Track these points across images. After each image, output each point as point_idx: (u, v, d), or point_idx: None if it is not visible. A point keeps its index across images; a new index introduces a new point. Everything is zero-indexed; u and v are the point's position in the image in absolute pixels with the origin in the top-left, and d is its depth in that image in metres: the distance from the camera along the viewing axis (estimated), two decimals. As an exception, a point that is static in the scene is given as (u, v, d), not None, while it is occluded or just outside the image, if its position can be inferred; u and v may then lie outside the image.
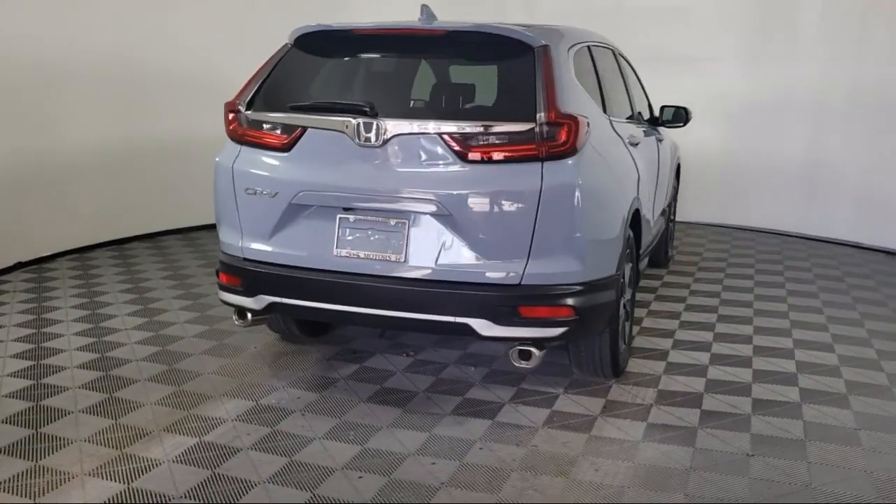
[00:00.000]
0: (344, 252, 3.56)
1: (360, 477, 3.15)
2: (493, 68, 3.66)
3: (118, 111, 7.17)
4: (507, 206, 3.36)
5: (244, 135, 3.76)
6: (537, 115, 3.33)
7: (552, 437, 3.50)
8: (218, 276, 3.95)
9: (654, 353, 4.55)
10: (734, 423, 3.64)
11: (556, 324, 3.40)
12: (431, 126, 3.41)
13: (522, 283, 3.39)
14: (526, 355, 3.46)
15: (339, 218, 3.58)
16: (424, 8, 3.86)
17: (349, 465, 3.24)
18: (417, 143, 3.43)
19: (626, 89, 5.00)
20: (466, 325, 3.41)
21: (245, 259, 3.79)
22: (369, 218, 3.53)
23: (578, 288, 3.43)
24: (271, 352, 4.52)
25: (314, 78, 3.87)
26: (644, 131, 4.93)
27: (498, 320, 3.38)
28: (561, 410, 3.78)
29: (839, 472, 3.20)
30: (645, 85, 5.83)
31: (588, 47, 4.22)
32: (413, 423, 3.63)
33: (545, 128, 3.32)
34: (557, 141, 3.33)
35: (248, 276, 3.75)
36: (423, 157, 3.43)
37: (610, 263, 3.65)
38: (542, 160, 3.34)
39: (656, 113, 5.62)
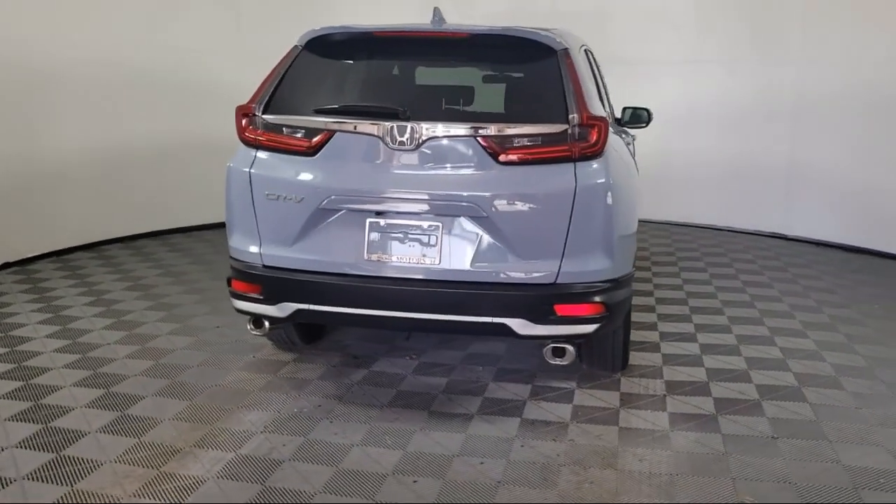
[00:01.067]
0: (375, 256, 3.53)
1: (415, 481, 3.14)
2: (516, 70, 3.71)
3: (101, 114, 7.22)
4: (543, 206, 3.42)
5: (261, 139, 3.66)
6: (570, 117, 3.40)
7: (584, 431, 3.59)
8: (230, 284, 3.83)
9: (646, 345, 4.72)
10: (748, 409, 3.84)
11: (590, 320, 3.49)
12: (466, 128, 3.43)
13: (557, 281, 3.46)
14: (560, 352, 3.53)
15: (370, 222, 3.54)
16: (437, 10, 3.87)
17: (399, 469, 3.23)
18: (452, 145, 3.44)
19: (605, 90, 5.16)
20: (504, 326, 3.45)
21: (265, 266, 3.70)
22: (401, 221, 3.52)
23: (608, 284, 3.53)
24: (272, 360, 4.42)
25: (332, 81, 3.82)
26: (622, 132, 5.10)
27: (535, 319, 3.43)
28: (582, 405, 3.88)
29: (862, 448, 3.42)
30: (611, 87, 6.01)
31: (586, 49, 4.34)
32: (445, 425, 3.64)
33: (577, 129, 3.40)
34: (588, 142, 3.42)
35: (270, 283, 3.66)
36: (458, 159, 3.45)
37: (630, 259, 3.78)
38: (575, 161, 3.42)
39: (618, 114, 5.80)
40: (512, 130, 3.42)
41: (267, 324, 3.81)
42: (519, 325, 3.44)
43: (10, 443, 3.41)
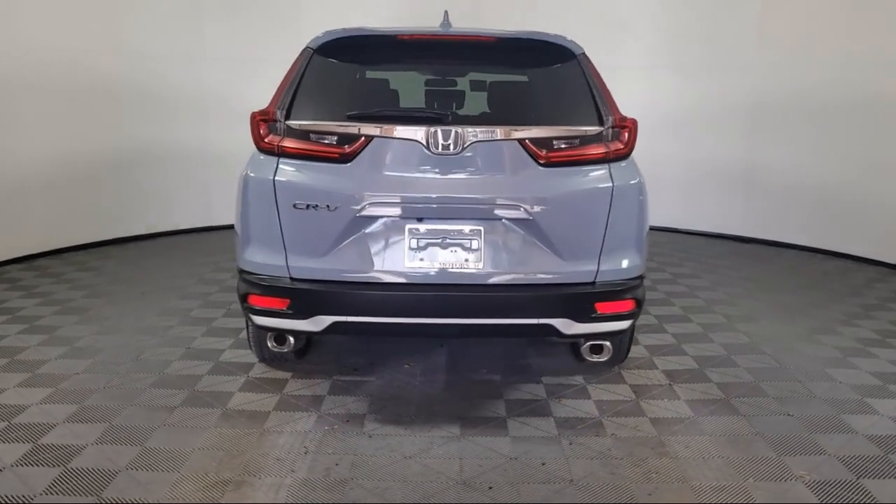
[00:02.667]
0: (417, 263, 3.46)
1: (491, 487, 3.11)
2: (541, 74, 3.75)
3: (61, 121, 7.10)
4: (583, 207, 3.50)
5: (286, 146, 3.49)
6: (605, 119, 3.50)
7: (619, 425, 3.70)
8: (246, 300, 3.62)
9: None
10: (752, 390, 4.10)
11: (625, 316, 3.60)
12: (509, 132, 3.44)
13: (596, 280, 3.54)
14: (598, 349, 3.62)
15: (409, 228, 3.47)
16: (446, 14, 3.85)
17: (467, 478, 3.18)
18: (495, 149, 3.44)
19: None
20: (550, 326, 3.49)
21: (293, 279, 3.53)
22: (442, 227, 3.47)
23: (638, 281, 3.66)
24: (270, 379, 4.20)
25: (351, 84, 3.71)
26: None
27: (578, 318, 3.50)
28: (601, 399, 3.99)
29: (874, 418, 3.76)
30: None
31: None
32: (484, 430, 3.62)
33: (611, 130, 3.51)
34: (620, 143, 3.53)
35: (301, 296, 3.50)
36: (501, 162, 3.46)
37: (646, 256, 3.93)
38: (609, 161, 3.53)
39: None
40: (552, 133, 3.46)
41: (291, 339, 3.64)
42: (563, 325, 3.50)
43: None
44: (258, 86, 8.48)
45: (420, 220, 3.46)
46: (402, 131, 3.40)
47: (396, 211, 3.44)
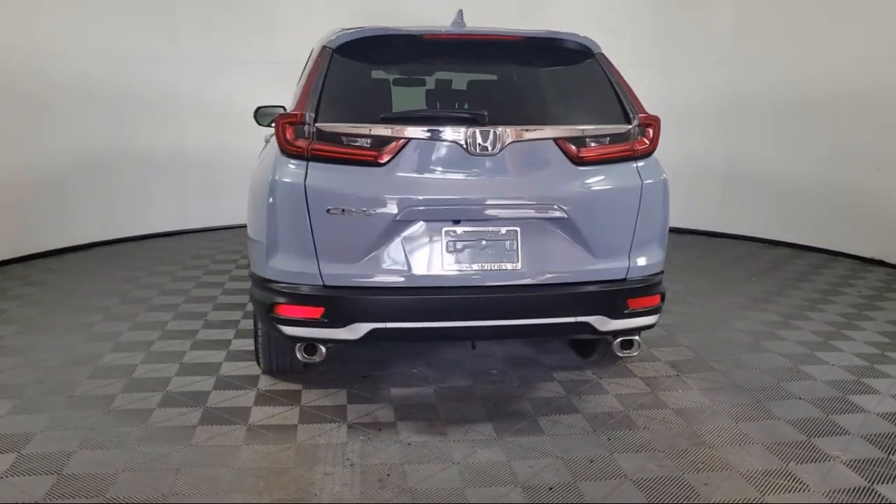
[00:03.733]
0: (455, 266, 3.42)
1: (551, 488, 3.11)
2: (562, 73, 3.75)
3: (26, 123, 6.80)
4: (616, 204, 3.54)
5: (316, 150, 3.37)
6: (632, 116, 3.55)
7: (649, 418, 3.77)
8: (272, 310, 3.48)
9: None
10: (754, 375, 4.26)
11: (653, 311, 3.67)
12: (546, 131, 3.44)
13: (628, 276, 3.59)
14: (628, 344, 3.67)
15: (445, 231, 3.42)
16: (461, 13, 3.82)
17: (525, 481, 3.17)
18: (532, 149, 3.44)
19: None
20: (586, 324, 3.52)
21: (326, 286, 3.41)
22: (479, 228, 3.44)
23: (661, 276, 3.74)
24: (282, 391, 4.05)
25: (380, 85, 3.61)
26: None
27: (612, 315, 3.54)
28: (620, 393, 4.06)
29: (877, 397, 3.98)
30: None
31: None
32: (519, 430, 3.62)
33: (638, 128, 3.57)
34: (646, 140, 3.60)
35: (337, 304, 3.39)
36: (538, 162, 3.46)
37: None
38: (636, 159, 3.59)
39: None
40: (585, 131, 3.49)
41: (323, 349, 3.51)
42: (598, 322, 3.53)
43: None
44: (234, 86, 8.43)
45: (457, 222, 3.41)
46: (440, 133, 3.35)
47: (434, 214, 3.38)
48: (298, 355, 3.52)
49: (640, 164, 3.59)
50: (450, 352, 4.64)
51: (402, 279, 3.40)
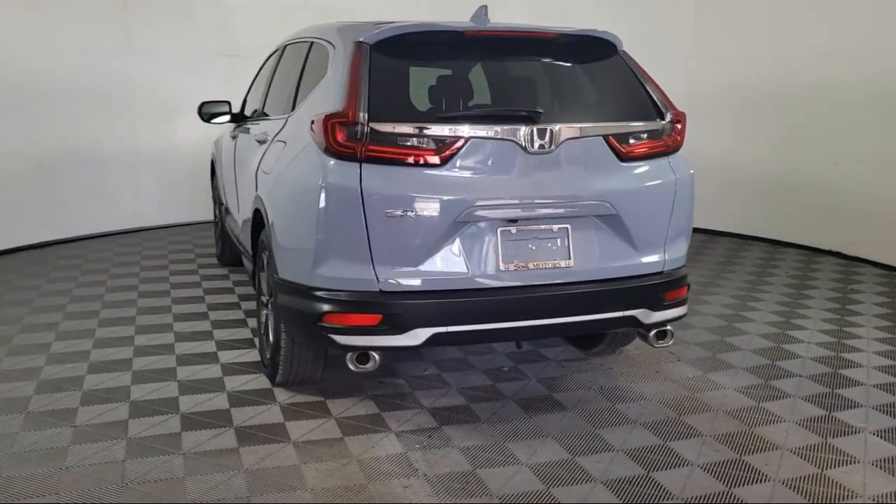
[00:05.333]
0: (512, 266, 3.39)
1: (630, 481, 3.17)
2: (592, 69, 3.76)
3: None
4: (655, 199, 3.63)
5: (371, 150, 3.23)
6: (665, 113, 3.66)
7: (680, 404, 3.91)
8: (321, 319, 3.31)
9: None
10: (746, 357, 4.52)
11: (684, 302, 3.80)
12: (596, 128, 3.47)
13: (664, 269, 3.70)
14: (662, 335, 3.77)
15: (501, 231, 3.38)
16: (484, 8, 3.77)
17: (601, 476, 3.21)
18: (584, 146, 3.46)
19: None
20: (632, 317, 3.59)
21: (383, 292, 3.29)
22: (533, 227, 3.42)
23: (686, 268, 3.88)
24: (306, 402, 3.85)
25: (426, 82, 3.50)
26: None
27: (653, 307, 3.64)
28: (637, 384, 4.17)
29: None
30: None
31: None
32: (561, 427, 3.63)
33: (670, 124, 3.68)
34: (675, 135, 3.72)
35: (396, 310, 3.27)
36: (588, 159, 3.48)
37: None
38: (669, 154, 3.70)
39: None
40: (629, 128, 3.56)
41: (377, 357, 3.38)
42: (643, 315, 3.62)
43: None
44: (190, 80, 8.08)
45: (514, 221, 3.38)
46: (500, 131, 3.30)
47: (492, 213, 3.33)
48: (350, 365, 3.37)
49: (672, 158, 3.70)
50: (451, 351, 4.59)
51: (461, 281, 3.34)
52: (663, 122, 3.64)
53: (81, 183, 7.70)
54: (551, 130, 3.34)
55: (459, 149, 3.27)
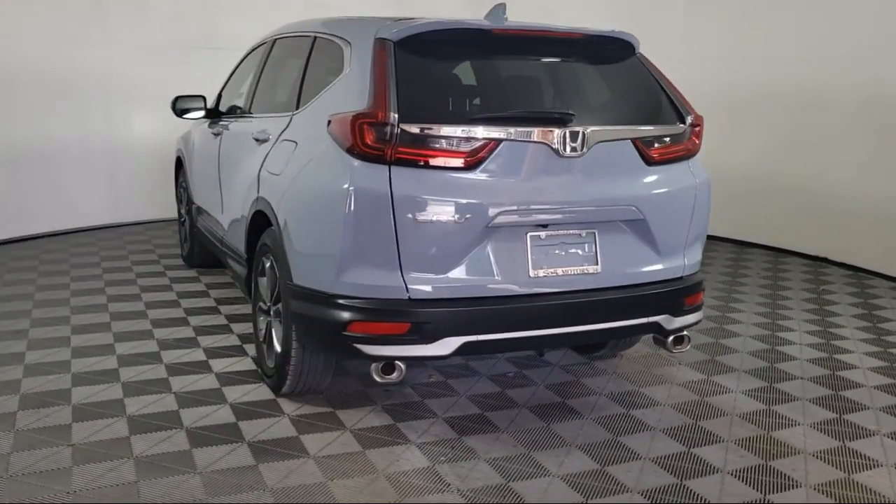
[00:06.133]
0: (542, 272, 3.30)
1: (659, 490, 3.13)
2: (609, 71, 3.69)
3: None
4: (678, 204, 3.60)
5: (401, 153, 3.10)
6: (686, 117, 3.63)
7: (698, 404, 3.90)
8: (345, 328, 3.17)
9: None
10: (745, 359, 4.55)
11: (700, 307, 3.78)
12: (625, 131, 3.42)
13: (684, 274, 3.68)
14: (679, 341, 3.75)
15: (530, 236, 3.29)
16: (502, 7, 3.67)
17: (638, 486, 3.16)
18: (613, 149, 3.39)
19: None
20: (656, 324, 3.55)
21: (412, 300, 3.16)
22: (562, 232, 3.35)
23: (701, 273, 3.87)
24: (315, 413, 3.69)
25: (455, 82, 3.38)
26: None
27: (675, 313, 3.60)
28: (648, 385, 4.15)
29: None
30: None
31: None
32: (590, 433, 3.59)
33: (690, 128, 3.65)
34: (694, 139, 3.70)
35: (425, 318, 3.15)
36: (617, 163, 3.42)
37: None
38: (689, 158, 3.68)
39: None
40: (655, 132, 3.51)
41: (403, 367, 3.25)
42: (665, 321, 3.59)
43: None
44: (170, 72, 7.77)
45: (545, 226, 3.30)
46: (532, 134, 3.20)
47: (523, 218, 3.25)
48: (375, 376, 3.23)
49: (692, 163, 3.68)
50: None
51: (492, 288, 3.24)
52: (684, 126, 3.61)
53: (53, 177, 7.44)
54: (583, 133, 3.26)
55: (492, 151, 3.16)
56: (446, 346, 3.17)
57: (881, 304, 5.85)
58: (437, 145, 3.12)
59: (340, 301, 3.18)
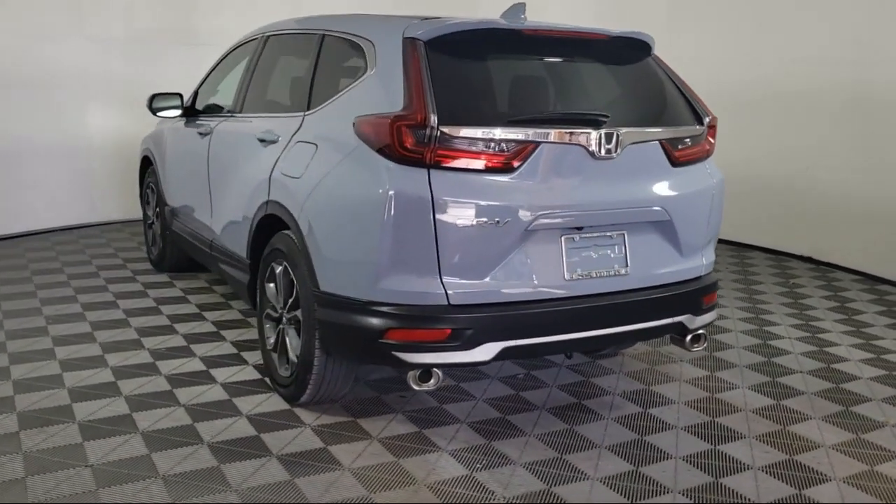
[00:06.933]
0: (576, 275, 3.29)
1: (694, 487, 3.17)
2: (631, 71, 3.68)
3: None
4: (700, 204, 3.63)
5: (441, 156, 3.04)
6: (704, 118, 3.67)
7: (719, 403, 3.95)
8: (384, 335, 3.10)
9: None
10: (743, 354, 4.65)
11: (715, 306, 3.83)
12: (655, 133, 3.43)
13: (702, 274, 3.72)
14: (697, 339, 3.79)
15: (565, 238, 3.28)
16: (522, 6, 3.64)
17: (680, 486, 3.18)
18: (643, 151, 3.40)
19: None
20: (679, 324, 3.58)
21: (452, 305, 3.10)
22: (594, 234, 3.34)
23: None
24: (337, 423, 3.59)
25: (489, 83, 3.31)
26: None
27: (696, 312, 3.64)
28: (661, 385, 4.20)
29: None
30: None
31: None
32: (614, 433, 3.60)
33: (708, 129, 3.70)
34: (712, 139, 3.74)
35: (466, 324, 3.09)
36: (646, 164, 3.43)
37: None
38: (706, 159, 3.73)
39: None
40: (680, 132, 3.54)
41: (440, 374, 3.19)
42: (688, 321, 3.62)
43: None
44: (148, 68, 7.50)
45: (579, 228, 3.29)
46: (571, 135, 3.18)
47: (560, 221, 3.22)
48: (413, 384, 3.16)
49: (708, 163, 3.72)
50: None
51: (528, 291, 3.21)
52: (702, 127, 3.65)
53: (26, 176, 7.21)
54: (617, 135, 3.26)
55: (530, 153, 3.13)
56: (486, 351, 3.12)
57: (849, 297, 6.07)
58: (477, 148, 3.06)
59: (378, 308, 3.09)
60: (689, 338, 3.72)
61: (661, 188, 3.46)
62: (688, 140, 3.59)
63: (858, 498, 3.11)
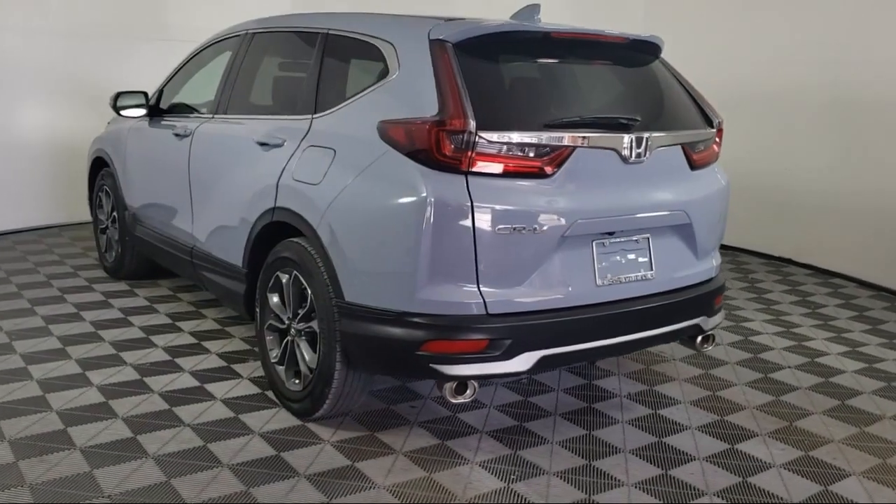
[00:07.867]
0: (607, 280, 3.27)
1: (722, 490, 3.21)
2: (646, 74, 3.67)
3: None
4: (714, 206, 3.68)
5: (479, 161, 2.96)
6: (714, 120, 3.71)
7: (727, 400, 4.02)
8: (421, 346, 3.00)
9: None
10: (733, 353, 4.76)
11: (722, 307, 3.89)
12: (677, 137, 3.44)
13: (714, 276, 3.77)
14: (708, 339, 3.84)
15: (595, 244, 3.25)
16: (536, 7, 3.60)
17: (712, 488, 3.21)
18: (667, 155, 3.41)
19: None
20: (696, 326, 3.62)
21: (490, 315, 3.04)
22: (623, 239, 3.33)
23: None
24: (356, 437, 3.47)
25: (510, 86, 3.23)
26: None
27: (709, 314, 3.69)
28: (667, 384, 4.24)
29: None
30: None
31: None
32: (635, 438, 3.61)
33: (717, 132, 3.75)
34: (718, 143, 3.80)
35: (504, 333, 3.03)
36: (670, 168, 3.44)
37: None
38: (715, 162, 3.78)
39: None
40: (698, 136, 3.57)
41: (476, 385, 3.12)
42: (703, 323, 3.67)
43: None
44: (117, 64, 7.16)
45: (611, 234, 3.27)
46: (607, 139, 3.16)
47: (594, 227, 3.20)
48: (448, 396, 3.08)
49: (717, 166, 3.77)
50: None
51: (563, 298, 3.17)
52: (713, 130, 3.69)
53: None
54: (647, 139, 3.25)
55: (566, 158, 3.09)
56: (525, 361, 3.07)
57: (808, 291, 6.29)
58: (514, 153, 3.00)
59: (414, 319, 2.99)
60: (699, 339, 3.76)
61: (683, 192, 3.49)
62: (702, 144, 3.61)
63: (881, 492, 3.20)
